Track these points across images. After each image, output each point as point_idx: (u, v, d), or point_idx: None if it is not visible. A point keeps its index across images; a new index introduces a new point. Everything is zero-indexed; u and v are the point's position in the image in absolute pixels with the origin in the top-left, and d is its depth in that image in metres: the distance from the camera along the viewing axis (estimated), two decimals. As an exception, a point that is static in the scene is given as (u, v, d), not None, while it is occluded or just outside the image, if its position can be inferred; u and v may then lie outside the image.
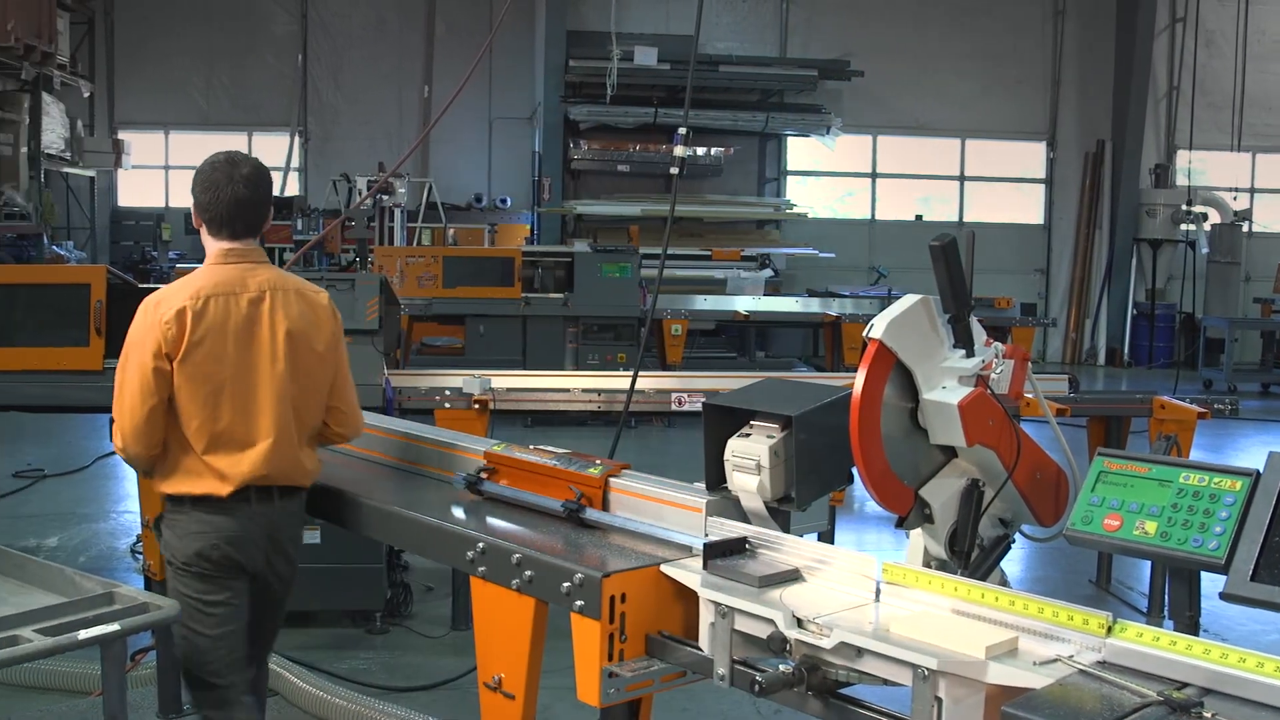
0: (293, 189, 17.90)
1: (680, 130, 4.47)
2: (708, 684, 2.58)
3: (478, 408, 6.08)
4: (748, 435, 2.90)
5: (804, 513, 2.92)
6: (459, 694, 5.09)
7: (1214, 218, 18.90)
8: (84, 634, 2.82)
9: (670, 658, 2.64)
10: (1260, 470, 2.33)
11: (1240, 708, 1.98)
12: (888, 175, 19.67)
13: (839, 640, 2.29)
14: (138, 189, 18.63)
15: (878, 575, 2.51)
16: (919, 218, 19.65)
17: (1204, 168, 19.63)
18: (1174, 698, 1.99)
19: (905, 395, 2.71)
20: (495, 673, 2.91)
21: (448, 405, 6.11)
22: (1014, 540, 2.84)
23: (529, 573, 2.83)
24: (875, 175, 19.66)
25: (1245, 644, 2.08)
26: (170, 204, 18.23)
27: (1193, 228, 18.59)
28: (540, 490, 3.29)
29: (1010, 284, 17.54)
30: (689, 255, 16.50)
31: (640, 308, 11.90)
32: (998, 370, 2.71)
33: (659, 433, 11.70)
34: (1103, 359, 19.44)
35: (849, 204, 19.79)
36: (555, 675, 2.99)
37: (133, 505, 7.86)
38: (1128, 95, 19.03)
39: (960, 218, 19.57)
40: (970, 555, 2.73)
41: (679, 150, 4.51)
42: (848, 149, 19.05)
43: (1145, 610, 6.58)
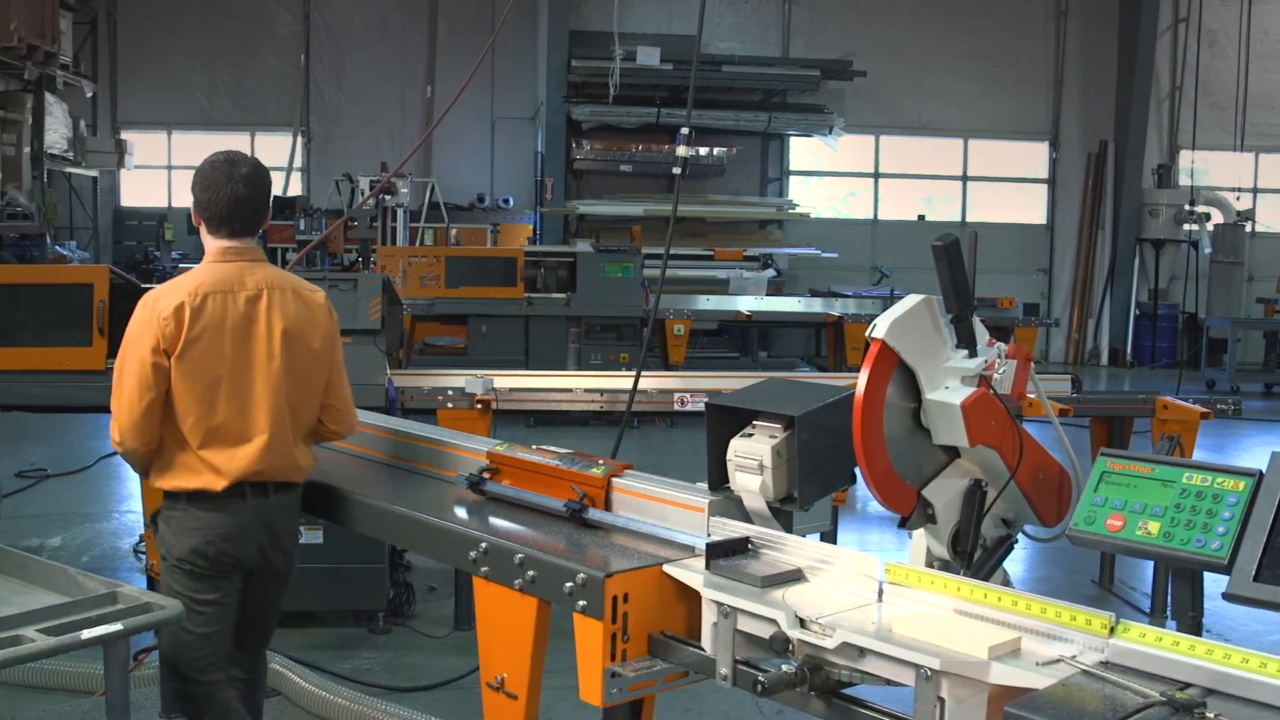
0: (295, 189, 17.91)
1: (683, 130, 4.47)
2: (710, 684, 2.58)
3: (480, 408, 6.08)
4: (750, 435, 2.90)
5: (806, 513, 2.92)
6: (461, 694, 5.09)
7: (1217, 218, 18.89)
8: (87, 634, 2.82)
9: (673, 658, 2.64)
10: (1263, 470, 2.33)
11: (1243, 708, 1.98)
12: (890, 175, 19.67)
13: (841, 640, 2.29)
14: (140, 189, 18.64)
15: (880, 575, 2.51)
16: (921, 218, 19.65)
17: (1207, 168, 19.62)
18: (1177, 698, 1.98)
19: (908, 395, 2.71)
20: (498, 673, 2.91)
21: (450, 405, 6.11)
22: (1016, 540, 2.84)
23: (531, 573, 2.83)
24: (878, 175, 19.66)
25: (1248, 644, 2.07)
26: (173, 204, 18.21)
27: (1195, 228, 18.58)
28: (543, 490, 3.29)
29: (1013, 284, 17.55)
30: (691, 255, 16.50)
31: (643, 308, 11.90)
32: (1000, 370, 2.71)
33: (661, 433, 11.71)
34: (1105, 359, 19.43)
35: (851, 204, 19.79)
36: (558, 675, 2.99)
37: (135, 505, 7.88)
38: (1130, 95, 19.02)
39: (963, 218, 19.57)
40: (973, 555, 2.72)
41: (682, 150, 4.51)
42: (850, 149, 19.05)
43: (1148, 610, 6.58)
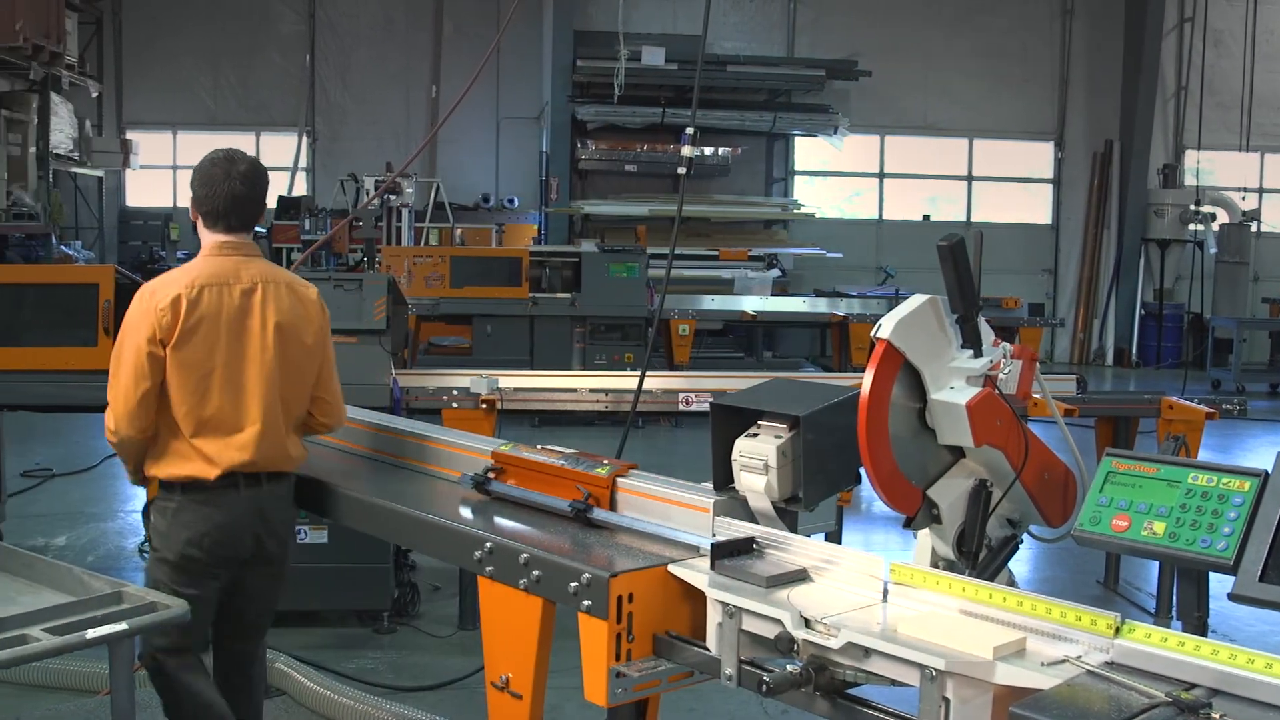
0: (300, 189, 17.90)
1: (688, 130, 4.47)
2: (715, 684, 2.58)
3: (485, 407, 6.09)
4: (755, 435, 2.90)
5: (811, 513, 2.91)
6: (466, 694, 5.09)
7: (1222, 218, 18.84)
8: (92, 633, 2.83)
9: (677, 658, 2.64)
10: (1269, 470, 2.33)
11: (1248, 709, 1.98)
12: (895, 175, 19.65)
13: (846, 640, 2.29)
14: (146, 189, 18.66)
15: (885, 575, 2.51)
16: (926, 218, 19.63)
17: (1212, 167, 19.57)
18: (1182, 698, 1.98)
19: (913, 395, 2.71)
20: (502, 672, 2.91)
21: (455, 405, 6.12)
22: (1022, 541, 2.84)
23: (536, 572, 2.83)
24: (883, 175, 19.64)
25: (1254, 645, 2.07)
26: (178, 204, 18.18)
27: (1201, 228, 18.53)
28: (547, 490, 3.30)
29: (1018, 284, 17.54)
30: (696, 255, 16.47)
31: (648, 308, 11.89)
32: (1005, 370, 2.71)
33: (666, 433, 11.70)
34: (1110, 359, 19.40)
35: (856, 204, 19.77)
36: (562, 675, 2.98)
37: (140, 505, 7.88)
38: (1136, 95, 18.98)
39: (968, 218, 19.55)
40: (978, 555, 2.72)
41: (686, 150, 4.51)
42: (855, 149, 19.02)
43: (1153, 611, 6.57)
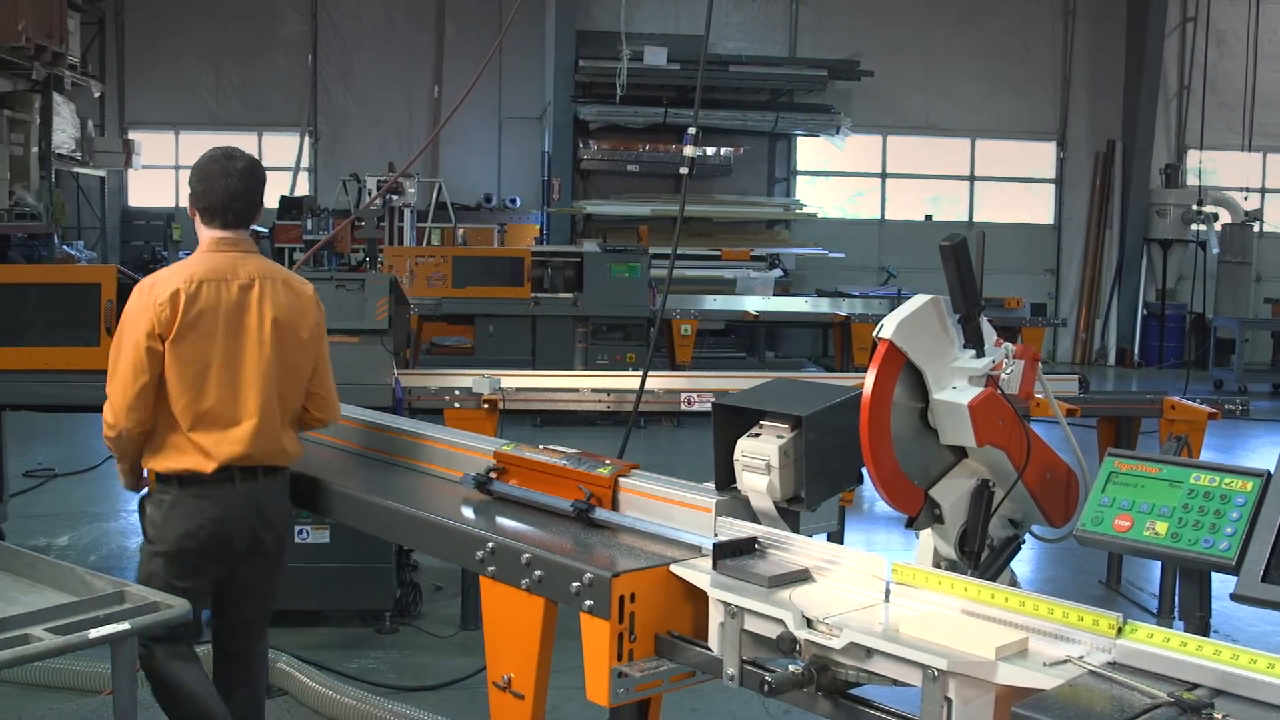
0: (303, 189, 17.90)
1: (690, 130, 4.47)
2: (717, 684, 2.58)
3: (487, 407, 6.09)
4: (757, 435, 2.90)
5: (813, 513, 2.91)
6: (468, 694, 5.09)
7: (1225, 218, 18.82)
8: (94, 633, 2.83)
9: (679, 658, 2.64)
10: (1271, 471, 2.33)
11: (1251, 709, 1.98)
12: (897, 175, 19.64)
13: (848, 640, 2.28)
14: (148, 189, 18.68)
15: (887, 575, 2.51)
16: (929, 218, 19.63)
17: (1214, 167, 19.57)
18: (1185, 699, 1.98)
19: (915, 395, 2.71)
20: (504, 672, 2.91)
21: (457, 405, 6.12)
22: (1024, 541, 2.83)
23: (538, 572, 2.83)
24: (885, 175, 19.63)
25: (1256, 645, 2.07)
26: (180, 204, 18.13)
27: (1203, 228, 18.51)
28: (549, 490, 3.30)
29: (1020, 284, 17.52)
30: (698, 255, 16.46)
31: (650, 308, 11.89)
32: (1008, 370, 2.71)
33: (668, 433, 11.70)
34: (1113, 359, 19.39)
35: (859, 204, 19.77)
36: (564, 675, 2.98)
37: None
38: (1138, 95, 18.97)
39: (970, 218, 19.53)
40: (980, 556, 2.72)
41: (688, 150, 4.50)
42: (857, 149, 19.02)
43: (1155, 611, 6.57)
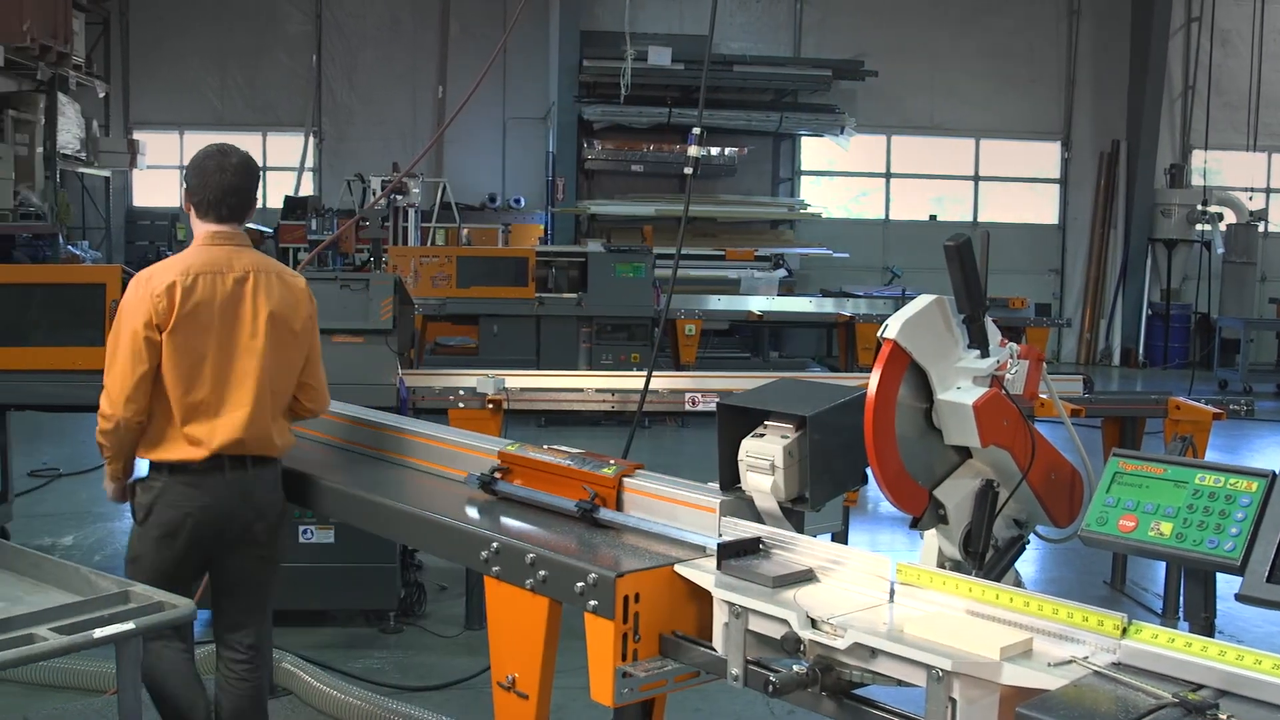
0: (307, 189, 17.92)
1: (694, 130, 4.47)
2: (721, 684, 2.58)
3: (491, 407, 6.09)
4: (762, 435, 2.89)
5: (818, 513, 2.91)
6: (472, 694, 5.10)
7: (1229, 218, 18.80)
8: (99, 633, 2.82)
9: (684, 658, 2.64)
10: (1276, 471, 2.33)
11: (1255, 709, 1.97)
12: (902, 175, 19.63)
13: (853, 641, 2.28)
14: (153, 189, 18.67)
15: (892, 576, 2.51)
16: (933, 218, 19.61)
17: (1219, 167, 19.55)
18: (1189, 699, 1.98)
19: (920, 395, 2.71)
20: (509, 672, 2.91)
21: (462, 405, 6.12)
22: (1029, 541, 2.83)
23: (543, 572, 2.83)
24: (889, 175, 19.62)
25: (1261, 646, 2.07)
26: (185, 204, 18.22)
27: (1208, 228, 18.49)
28: (554, 490, 3.29)
29: (1025, 284, 17.50)
30: (703, 255, 16.48)
31: (654, 308, 11.88)
32: (1012, 371, 2.71)
33: (673, 433, 11.69)
34: (1117, 359, 19.37)
35: (863, 204, 19.76)
36: (569, 675, 2.98)
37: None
38: (1143, 95, 18.96)
39: (975, 218, 19.52)
40: (985, 556, 2.72)
41: (693, 150, 4.50)
42: (862, 149, 19.00)
43: (1160, 611, 6.56)
